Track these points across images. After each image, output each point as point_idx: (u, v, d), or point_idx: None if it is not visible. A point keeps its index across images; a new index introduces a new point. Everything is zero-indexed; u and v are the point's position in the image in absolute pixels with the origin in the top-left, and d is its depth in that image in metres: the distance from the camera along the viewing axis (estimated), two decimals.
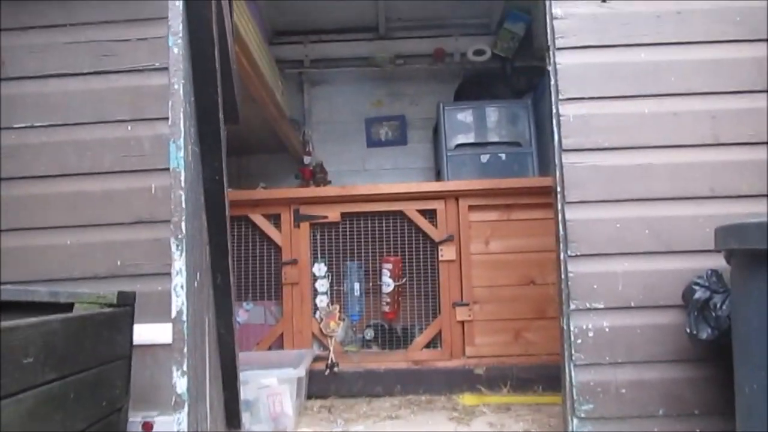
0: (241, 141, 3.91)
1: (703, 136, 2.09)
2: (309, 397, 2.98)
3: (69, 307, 1.77)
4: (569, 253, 2.06)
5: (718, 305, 1.84)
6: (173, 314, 1.03)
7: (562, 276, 2.08)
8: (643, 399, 2.03)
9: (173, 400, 0.99)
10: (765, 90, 2.09)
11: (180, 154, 1.02)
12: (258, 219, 3.18)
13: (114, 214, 2.15)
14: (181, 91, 1.03)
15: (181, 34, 1.05)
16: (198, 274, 1.22)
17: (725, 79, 2.10)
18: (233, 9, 1.87)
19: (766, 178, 2.04)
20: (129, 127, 2.18)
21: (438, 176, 4.02)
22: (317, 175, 4.31)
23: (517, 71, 4.20)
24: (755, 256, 1.56)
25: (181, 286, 1.03)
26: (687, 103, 2.10)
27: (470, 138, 3.80)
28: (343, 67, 4.52)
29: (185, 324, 1.03)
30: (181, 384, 1.00)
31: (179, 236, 1.02)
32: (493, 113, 3.81)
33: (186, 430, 0.99)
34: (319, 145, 4.53)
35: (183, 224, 1.02)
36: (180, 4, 1.06)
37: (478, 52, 4.34)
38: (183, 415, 0.99)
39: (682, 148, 2.09)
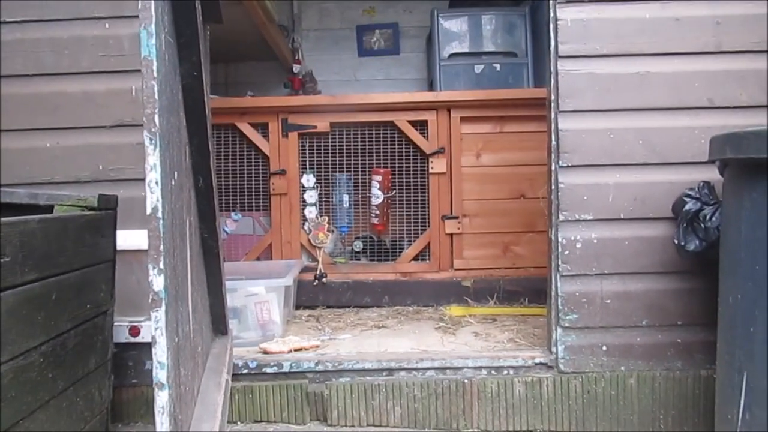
0: (228, 47, 3.77)
1: (706, 43, 2.01)
2: (298, 307, 3.01)
3: (49, 209, 1.74)
4: (561, 163, 2.03)
5: (708, 217, 1.82)
6: (148, 211, 0.99)
7: (553, 187, 2.05)
8: (627, 310, 2.04)
9: (150, 298, 0.97)
10: None
11: (152, 41, 0.96)
12: (245, 128, 3.11)
13: (94, 117, 2.08)
14: None
15: None
16: (176, 173, 1.18)
17: None
18: None
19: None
20: (107, 25, 2.08)
21: (431, 88, 3.91)
22: (307, 85, 4.19)
23: None
24: (751, 166, 1.53)
25: (156, 182, 0.99)
26: (691, 8, 2.01)
27: (465, 47, 3.67)
28: None
29: (161, 221, 0.99)
30: (157, 282, 0.98)
31: (152, 129, 0.97)
32: (489, 21, 3.66)
33: (164, 327, 0.97)
34: (309, 54, 4.38)
35: (156, 117, 0.97)
36: None
37: None
38: (161, 314, 0.97)
39: (682, 56, 2.01)
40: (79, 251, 1.62)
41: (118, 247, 1.90)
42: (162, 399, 1.01)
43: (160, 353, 0.99)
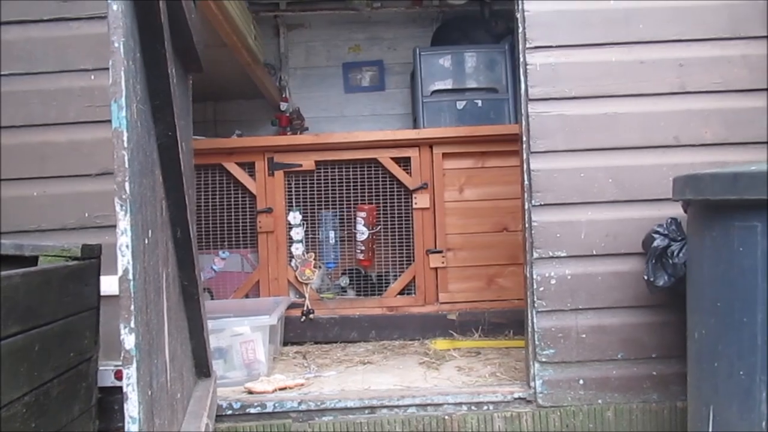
0: (215, 87, 3.86)
1: (670, 84, 2.09)
2: (285, 343, 3.04)
3: (34, 260, 1.79)
4: (533, 202, 2.09)
5: (676, 253, 1.88)
6: (119, 273, 1.04)
7: (527, 225, 2.11)
8: (603, 344, 2.09)
9: (122, 355, 1.02)
10: (733, 37, 2.08)
11: (122, 114, 1.01)
12: (232, 167, 3.18)
13: (80, 166, 2.14)
14: (122, 50, 1.01)
15: None
16: (150, 231, 1.23)
17: (695, 26, 2.09)
18: None
19: (730, 126, 2.06)
20: (92, 77, 2.15)
21: (415, 123, 3.99)
22: (294, 122, 4.27)
23: (495, 15, 4.11)
24: (710, 207, 1.59)
25: (126, 246, 1.04)
26: (655, 51, 2.09)
27: (447, 84, 3.76)
28: (319, 11, 4.42)
29: (131, 282, 1.04)
30: (129, 341, 1.03)
31: (123, 196, 1.03)
32: (470, 58, 3.75)
33: (135, 383, 1.02)
34: (296, 91, 4.47)
35: (126, 184, 1.03)
36: None
37: None
38: (132, 371, 1.02)
39: (648, 97, 2.09)
40: (62, 301, 1.67)
41: (103, 293, 1.94)
42: None
43: (132, 408, 1.03)
